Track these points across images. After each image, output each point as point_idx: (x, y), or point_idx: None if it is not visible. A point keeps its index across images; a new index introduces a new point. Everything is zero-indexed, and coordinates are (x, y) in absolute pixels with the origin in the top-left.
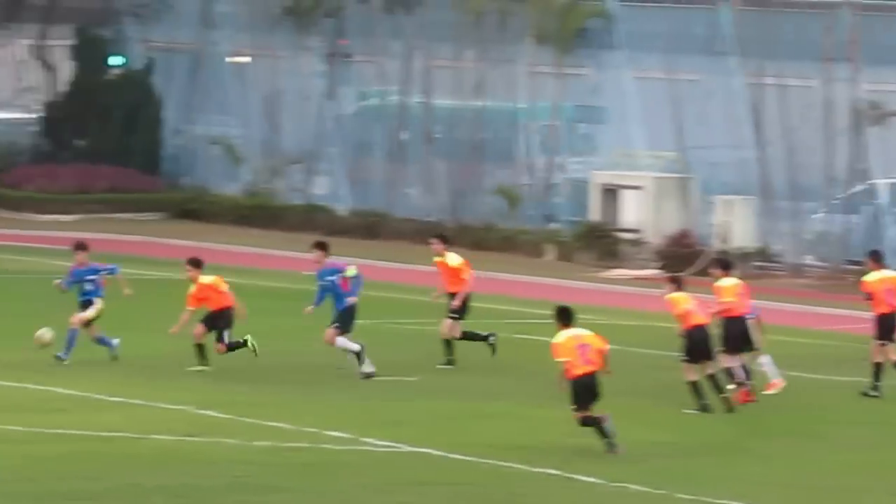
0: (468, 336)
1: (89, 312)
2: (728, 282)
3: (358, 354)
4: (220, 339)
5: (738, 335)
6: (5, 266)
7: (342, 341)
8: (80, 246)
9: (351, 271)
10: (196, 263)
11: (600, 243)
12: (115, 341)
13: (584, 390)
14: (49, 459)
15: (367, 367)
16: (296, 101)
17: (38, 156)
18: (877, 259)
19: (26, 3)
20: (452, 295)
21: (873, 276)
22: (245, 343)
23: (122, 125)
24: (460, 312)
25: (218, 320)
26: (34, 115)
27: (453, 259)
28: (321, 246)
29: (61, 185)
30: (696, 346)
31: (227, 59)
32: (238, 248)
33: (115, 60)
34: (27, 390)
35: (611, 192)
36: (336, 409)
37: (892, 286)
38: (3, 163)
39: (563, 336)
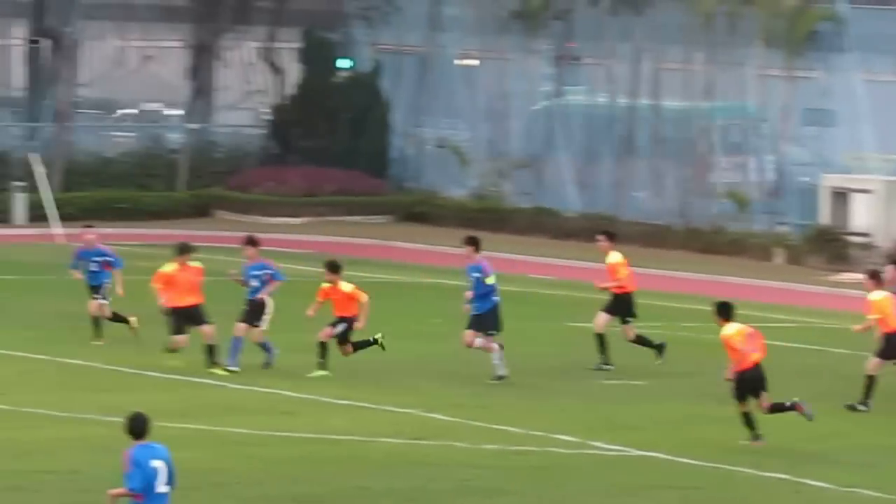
0: (641, 341)
1: (263, 320)
2: None
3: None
4: (343, 341)
5: None
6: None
7: (481, 343)
8: (251, 241)
9: (490, 279)
10: (334, 268)
11: (830, 247)
12: (276, 351)
13: (751, 381)
14: (277, 462)
15: (501, 370)
16: (523, 103)
17: (266, 159)
18: (876, 278)
19: (255, 6)
20: (617, 294)
21: (877, 296)
22: (374, 341)
23: (349, 128)
24: (625, 311)
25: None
26: (262, 118)
27: (614, 257)
28: (471, 241)
29: (289, 188)
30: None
31: (455, 62)
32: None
33: (342, 63)
34: (255, 393)
35: (841, 196)
36: (564, 412)
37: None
38: (232, 166)
39: (733, 328)
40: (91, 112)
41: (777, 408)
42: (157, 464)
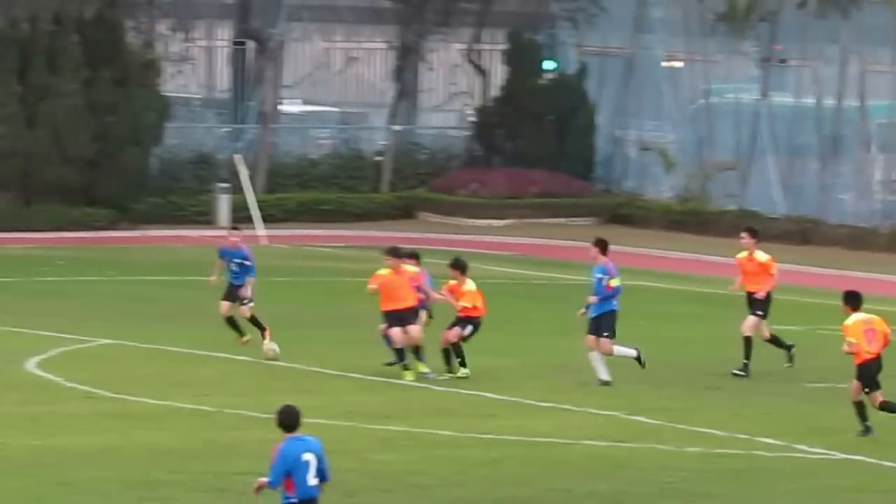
0: (775, 341)
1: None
2: None
3: (638, 358)
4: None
5: None
6: (444, 271)
7: (619, 350)
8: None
9: (615, 282)
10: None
11: None
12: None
13: (870, 374)
14: (478, 465)
15: (605, 376)
16: (729, 105)
17: (470, 160)
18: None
19: (460, 8)
20: (751, 293)
21: (851, 320)
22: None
23: (554, 130)
24: (766, 310)
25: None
26: (466, 120)
27: (762, 255)
28: (599, 243)
29: (493, 190)
30: None
31: (661, 64)
32: (670, 253)
33: (547, 65)
34: (458, 395)
35: None
36: (768, 415)
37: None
38: (436, 167)
39: (853, 319)
40: (295, 113)
41: (887, 406)
42: (308, 457)
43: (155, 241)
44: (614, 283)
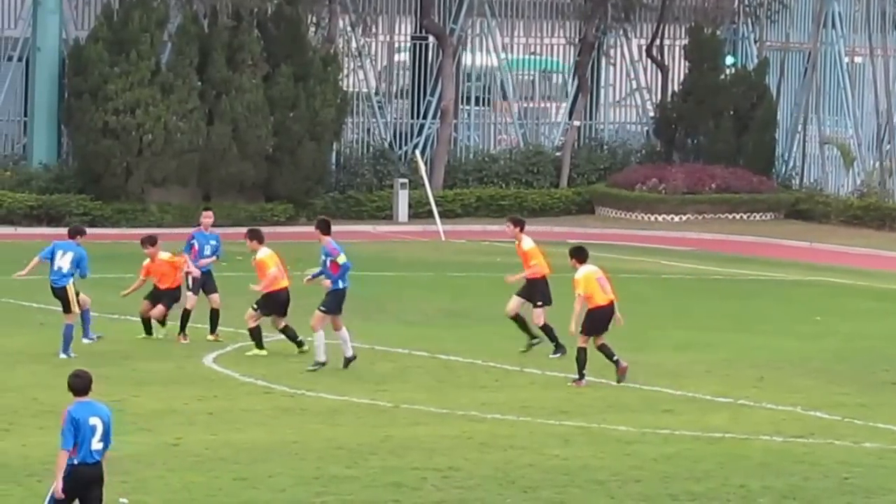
0: (548, 330)
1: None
2: None
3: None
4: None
5: None
6: (623, 266)
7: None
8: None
9: (341, 259)
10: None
11: None
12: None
13: (600, 320)
14: (655, 460)
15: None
16: None
17: (650, 156)
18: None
19: (641, 3)
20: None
21: (581, 273)
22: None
23: (734, 125)
24: None
25: None
26: (647, 116)
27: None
28: (319, 225)
29: (672, 186)
30: None
31: (842, 59)
32: (849, 248)
33: (728, 60)
34: (635, 390)
35: None
36: None
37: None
38: (616, 163)
39: (583, 272)
40: (475, 108)
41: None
42: (95, 421)
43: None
44: (341, 260)
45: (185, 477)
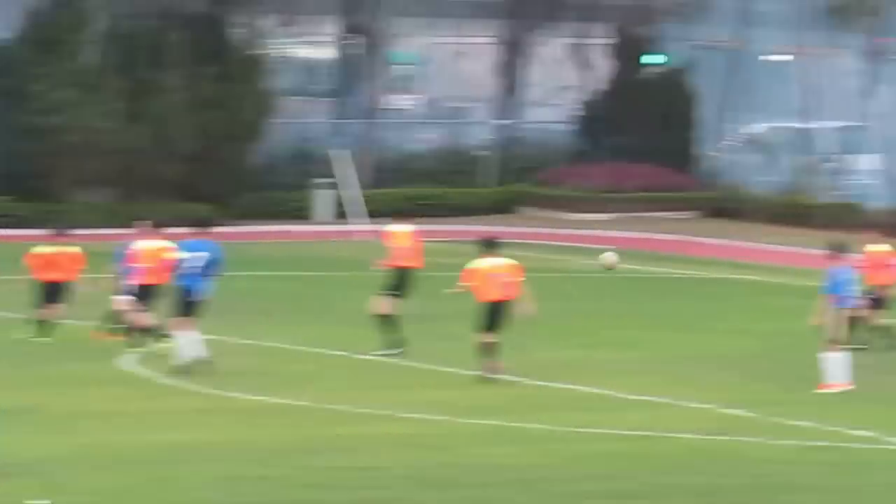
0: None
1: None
2: None
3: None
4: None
5: None
6: (545, 265)
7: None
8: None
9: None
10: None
11: None
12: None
13: (494, 315)
14: (580, 459)
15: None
16: (833, 99)
17: (574, 155)
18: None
19: (565, 3)
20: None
21: (478, 264)
22: None
23: (658, 124)
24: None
25: None
26: (571, 115)
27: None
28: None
29: (594, 184)
30: None
31: (765, 58)
32: (771, 246)
33: (653, 59)
34: (552, 389)
35: None
36: (860, 408)
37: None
38: (539, 162)
39: (481, 264)
40: (398, 109)
41: None
42: None
43: (254, 236)
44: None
45: (100, 478)
